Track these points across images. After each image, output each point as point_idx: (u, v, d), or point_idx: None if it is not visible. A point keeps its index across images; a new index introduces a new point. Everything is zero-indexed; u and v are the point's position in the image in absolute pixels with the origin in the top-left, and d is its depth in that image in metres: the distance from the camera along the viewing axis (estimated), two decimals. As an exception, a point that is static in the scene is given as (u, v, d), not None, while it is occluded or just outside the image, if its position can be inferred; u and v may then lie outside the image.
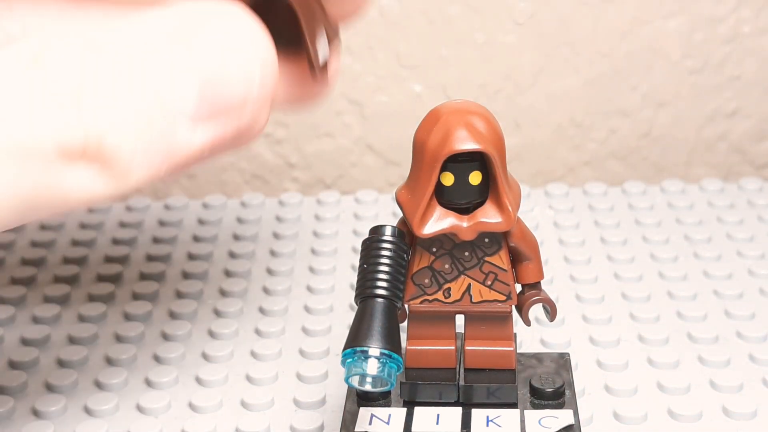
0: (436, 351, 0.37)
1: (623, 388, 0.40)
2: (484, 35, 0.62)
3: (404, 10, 0.61)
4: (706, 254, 0.51)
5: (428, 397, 0.37)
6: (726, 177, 0.64)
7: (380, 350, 0.33)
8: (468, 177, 0.35)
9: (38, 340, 0.45)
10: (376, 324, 0.34)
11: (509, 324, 0.37)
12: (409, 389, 0.37)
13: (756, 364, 0.42)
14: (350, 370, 0.34)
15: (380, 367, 0.33)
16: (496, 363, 0.37)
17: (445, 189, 0.35)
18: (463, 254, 0.36)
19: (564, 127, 0.64)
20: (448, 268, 0.36)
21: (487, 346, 0.37)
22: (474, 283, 0.36)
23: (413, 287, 0.36)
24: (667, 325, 0.45)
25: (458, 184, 0.35)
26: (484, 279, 0.36)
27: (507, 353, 0.37)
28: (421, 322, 0.37)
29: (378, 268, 0.35)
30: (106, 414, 0.40)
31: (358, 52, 0.62)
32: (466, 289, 0.36)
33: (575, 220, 0.55)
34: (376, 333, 0.33)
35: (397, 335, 0.34)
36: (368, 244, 0.35)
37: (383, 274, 0.35)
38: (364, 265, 0.35)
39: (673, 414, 0.39)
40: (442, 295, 0.36)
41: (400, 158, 0.64)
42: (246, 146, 0.33)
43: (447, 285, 0.36)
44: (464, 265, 0.36)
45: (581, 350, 0.43)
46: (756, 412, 0.39)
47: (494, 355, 0.37)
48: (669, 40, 0.62)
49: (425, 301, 0.36)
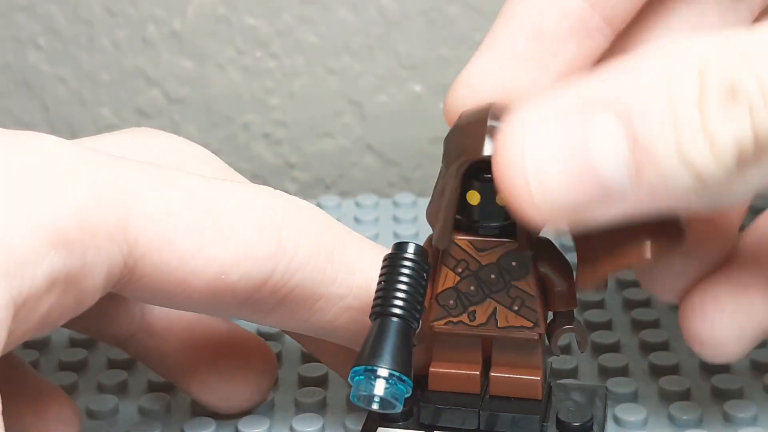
0: (459, 374, 0.36)
1: (624, 393, 0.40)
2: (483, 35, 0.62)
3: (404, 10, 0.61)
4: (706, 257, 0.51)
5: (449, 422, 0.36)
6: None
7: (390, 371, 0.32)
8: (494, 197, 0.33)
9: (38, 342, 0.45)
10: (389, 344, 0.32)
11: (538, 352, 0.35)
12: (431, 413, 0.36)
13: (757, 370, 0.42)
14: (358, 389, 0.33)
15: (388, 388, 0.32)
16: (521, 392, 0.35)
17: (473, 209, 0.34)
18: (489, 277, 0.34)
19: (564, 128, 0.64)
20: (474, 290, 0.35)
21: (513, 374, 0.35)
22: (500, 308, 0.35)
23: (438, 308, 0.35)
24: (667, 330, 0.45)
25: (485, 203, 0.34)
26: (511, 304, 0.34)
27: (533, 383, 0.35)
28: (447, 345, 0.36)
29: (397, 287, 0.33)
30: (107, 415, 0.40)
31: (358, 52, 0.62)
32: (492, 312, 0.35)
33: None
34: (388, 353, 0.32)
35: (410, 358, 0.33)
36: (389, 261, 0.34)
37: (401, 293, 0.33)
38: (382, 282, 0.33)
39: (673, 419, 0.39)
40: (467, 317, 0.35)
41: (400, 158, 0.64)
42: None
43: (472, 308, 0.35)
44: (490, 288, 0.35)
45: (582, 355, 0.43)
46: (756, 418, 0.39)
47: (519, 384, 0.35)
48: (669, 41, 0.62)
49: (450, 322, 0.35)
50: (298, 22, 0.61)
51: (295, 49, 0.62)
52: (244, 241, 0.33)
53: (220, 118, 0.63)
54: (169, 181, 0.33)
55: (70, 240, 0.30)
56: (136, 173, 0.32)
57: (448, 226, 0.34)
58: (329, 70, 0.62)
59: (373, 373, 0.32)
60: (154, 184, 0.32)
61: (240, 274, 0.33)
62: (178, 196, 0.32)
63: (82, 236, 0.30)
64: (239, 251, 0.33)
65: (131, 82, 0.62)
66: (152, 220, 0.31)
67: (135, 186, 0.32)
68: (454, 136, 0.34)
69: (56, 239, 0.29)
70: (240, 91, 0.62)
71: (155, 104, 0.63)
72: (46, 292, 0.29)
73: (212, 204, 0.33)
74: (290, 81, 0.63)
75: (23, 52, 0.62)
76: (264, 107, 0.63)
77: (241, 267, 0.33)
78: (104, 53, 0.62)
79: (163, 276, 0.32)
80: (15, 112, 0.63)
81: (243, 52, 0.62)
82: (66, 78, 0.62)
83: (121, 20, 0.61)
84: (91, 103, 0.63)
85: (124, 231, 0.31)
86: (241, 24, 0.61)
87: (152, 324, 0.39)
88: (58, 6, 0.61)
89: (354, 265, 0.35)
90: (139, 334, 0.39)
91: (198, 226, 0.32)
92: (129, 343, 0.39)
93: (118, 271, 0.31)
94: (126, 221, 0.31)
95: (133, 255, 0.31)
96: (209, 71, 0.62)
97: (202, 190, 0.33)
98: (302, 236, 0.34)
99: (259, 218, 0.33)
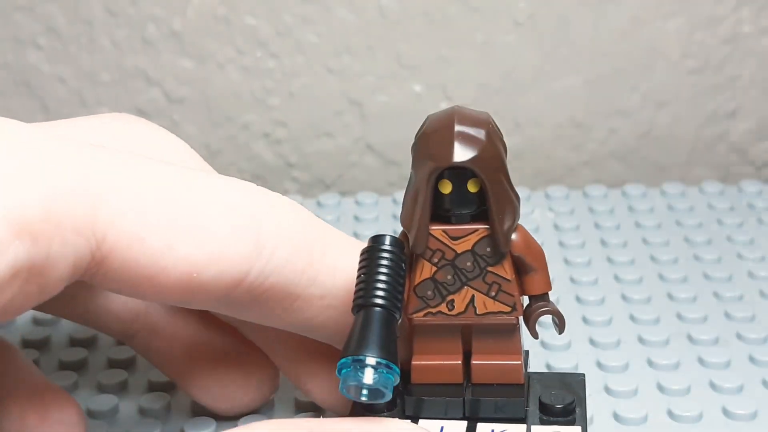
0: (441, 366, 0.36)
1: (623, 389, 0.40)
2: (483, 35, 0.62)
3: (404, 10, 0.61)
4: (706, 256, 0.51)
5: (433, 412, 0.36)
6: (726, 177, 0.64)
7: (377, 360, 0.32)
8: (467, 184, 0.34)
9: (38, 342, 0.45)
10: (375, 333, 0.32)
11: (517, 337, 0.36)
12: (414, 404, 0.36)
13: (756, 366, 0.42)
14: (346, 380, 0.32)
15: (377, 377, 0.32)
16: (503, 378, 0.36)
17: (445, 198, 0.34)
18: (465, 264, 0.35)
19: (564, 127, 0.64)
20: (451, 279, 0.35)
21: (495, 360, 0.36)
22: (478, 295, 0.35)
23: (416, 300, 0.35)
24: (667, 327, 0.45)
25: (457, 192, 0.34)
26: (488, 290, 0.35)
27: (515, 367, 0.36)
28: (427, 337, 0.36)
29: (377, 278, 0.33)
30: (107, 415, 0.40)
31: (358, 52, 0.62)
32: (470, 300, 0.35)
33: (575, 222, 0.55)
34: (373, 342, 0.32)
35: (395, 346, 0.33)
36: (367, 254, 0.34)
37: (382, 284, 0.33)
38: (362, 275, 0.34)
39: (673, 415, 0.39)
40: (445, 307, 0.35)
41: (400, 158, 0.64)
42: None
43: (450, 297, 0.35)
44: (467, 276, 0.35)
45: (581, 352, 0.43)
46: (756, 414, 0.39)
47: (502, 370, 0.36)
48: (669, 40, 0.62)
49: (429, 314, 0.35)
50: (298, 22, 0.61)
51: (295, 49, 0.62)
52: (219, 241, 0.32)
53: (220, 118, 0.63)
54: (144, 174, 0.32)
55: (34, 231, 0.29)
56: (110, 164, 0.31)
57: (423, 231, 0.35)
58: (329, 70, 0.62)
59: (361, 363, 0.32)
60: (128, 177, 0.31)
61: (213, 273, 0.32)
62: (152, 191, 0.31)
63: (48, 227, 0.29)
64: (213, 251, 0.32)
65: (131, 82, 0.62)
66: (123, 214, 0.30)
67: (108, 177, 0.31)
68: (422, 144, 0.34)
69: (20, 229, 0.29)
70: (240, 91, 0.62)
71: (155, 104, 0.63)
72: (8, 282, 0.29)
73: (188, 200, 0.32)
74: (290, 81, 0.63)
75: (23, 52, 0.62)
76: (264, 107, 0.63)
77: (214, 267, 0.32)
78: (104, 53, 0.62)
79: (132, 271, 0.31)
80: (15, 112, 0.63)
81: (243, 52, 0.62)
82: (66, 78, 0.62)
83: (121, 20, 0.61)
84: (91, 103, 0.63)
85: (92, 224, 0.30)
86: (241, 24, 0.61)
87: (156, 324, 0.39)
88: (58, 6, 0.61)
89: (335, 265, 0.35)
90: (143, 332, 0.39)
91: (170, 224, 0.31)
92: (132, 339, 0.39)
93: (84, 264, 0.30)
94: (95, 214, 0.30)
95: (101, 249, 0.30)
96: (209, 71, 0.62)
97: (179, 185, 0.32)
98: (281, 237, 0.33)
99: (237, 217, 0.33)
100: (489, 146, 0.34)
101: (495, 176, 0.34)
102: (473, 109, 0.35)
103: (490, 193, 0.34)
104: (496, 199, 0.34)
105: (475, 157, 0.34)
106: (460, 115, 0.34)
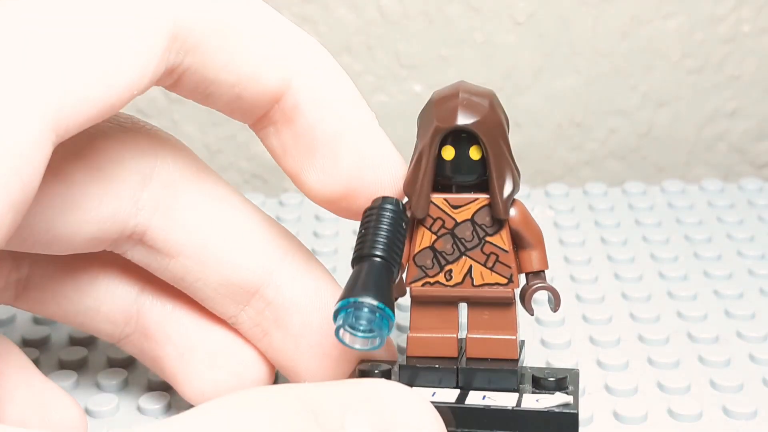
0: (437, 338, 0.37)
1: (623, 388, 0.40)
2: (483, 35, 0.62)
3: (404, 10, 0.61)
4: (706, 254, 0.51)
5: (427, 381, 0.36)
6: (726, 177, 0.64)
7: (376, 302, 0.33)
8: (469, 151, 0.35)
9: (38, 341, 0.45)
10: (372, 279, 0.34)
11: (512, 312, 0.36)
12: (408, 374, 0.37)
13: (756, 364, 0.42)
14: (344, 322, 0.33)
15: (373, 320, 0.33)
16: (498, 352, 0.36)
17: (447, 164, 0.35)
18: (464, 234, 0.36)
19: (564, 126, 0.64)
20: (450, 248, 0.36)
21: (490, 334, 0.36)
22: (475, 265, 0.36)
23: (415, 269, 0.36)
24: (667, 325, 0.45)
25: (459, 158, 0.35)
26: (486, 260, 0.36)
27: (509, 342, 0.36)
28: (424, 310, 0.37)
29: (376, 233, 0.35)
30: (106, 415, 0.40)
31: (358, 51, 0.62)
32: (468, 271, 0.36)
33: (575, 220, 0.55)
34: (371, 287, 0.33)
35: (391, 293, 0.34)
36: (369, 212, 0.35)
37: (381, 238, 0.34)
38: (363, 230, 0.35)
39: (673, 414, 0.39)
40: (443, 277, 0.36)
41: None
42: None
43: (448, 266, 0.36)
44: (465, 246, 0.36)
45: (581, 350, 0.43)
46: (756, 412, 0.39)
47: (496, 344, 0.36)
48: (669, 40, 0.62)
49: (427, 283, 0.36)
50: (298, 21, 0.61)
51: (295, 50, 0.62)
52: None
53: (220, 118, 0.63)
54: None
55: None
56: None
57: (425, 194, 0.35)
58: (329, 70, 0.62)
59: (358, 306, 0.33)
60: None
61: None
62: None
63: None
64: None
65: (131, 83, 0.62)
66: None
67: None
68: (427, 112, 0.36)
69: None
70: (240, 91, 0.62)
71: (155, 104, 0.63)
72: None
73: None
74: (290, 81, 0.63)
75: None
76: (264, 107, 0.63)
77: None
78: (104, 54, 0.62)
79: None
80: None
81: (243, 52, 0.62)
82: (66, 79, 0.62)
83: (120, 21, 0.61)
84: (91, 104, 0.63)
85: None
86: (240, 24, 0.61)
87: (148, 325, 0.39)
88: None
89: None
90: (135, 334, 0.39)
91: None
92: (124, 342, 0.39)
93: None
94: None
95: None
96: (209, 72, 0.62)
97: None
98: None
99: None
100: (492, 113, 0.35)
101: (496, 142, 0.35)
102: (478, 85, 0.36)
103: (491, 158, 0.35)
104: (497, 165, 0.35)
105: (477, 122, 0.35)
106: (465, 87, 0.36)
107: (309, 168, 0.36)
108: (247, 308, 0.38)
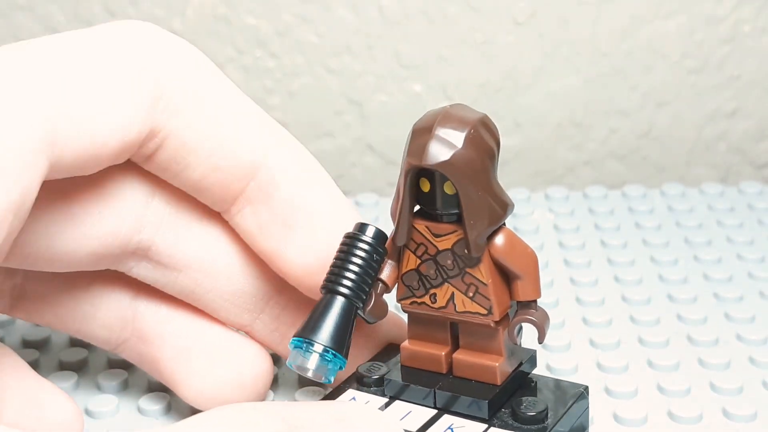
0: (426, 354, 0.37)
1: (623, 391, 0.40)
2: (484, 35, 0.62)
3: (404, 10, 0.61)
4: (706, 257, 0.51)
5: (411, 397, 0.37)
6: (726, 177, 0.64)
7: (324, 347, 0.35)
8: (443, 186, 0.34)
9: (38, 342, 0.45)
10: (330, 321, 0.35)
11: (498, 339, 0.36)
12: (395, 387, 0.37)
13: (756, 367, 0.42)
14: (295, 357, 0.35)
15: (320, 363, 0.35)
16: (481, 376, 0.36)
17: (424, 196, 0.35)
18: (446, 262, 0.35)
19: (564, 126, 0.64)
20: (433, 273, 0.36)
21: (474, 357, 0.36)
22: (457, 293, 0.36)
23: (403, 287, 0.36)
24: (667, 328, 0.45)
25: (434, 191, 0.35)
26: (466, 290, 0.35)
27: (491, 368, 0.36)
28: (419, 323, 0.37)
29: (348, 266, 0.35)
30: (107, 416, 0.40)
31: (358, 51, 0.62)
32: (450, 297, 0.36)
33: (575, 223, 0.55)
34: (327, 329, 0.35)
35: (347, 336, 0.35)
36: (347, 240, 0.36)
37: (352, 273, 0.35)
38: (337, 260, 0.36)
39: (673, 416, 0.39)
40: (429, 299, 0.36)
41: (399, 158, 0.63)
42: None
43: (433, 290, 0.36)
44: (447, 273, 0.36)
45: (581, 353, 0.43)
46: (756, 415, 0.39)
47: (479, 368, 0.36)
48: (669, 39, 0.62)
49: (414, 303, 0.36)
50: (298, 21, 0.62)
51: (295, 49, 0.62)
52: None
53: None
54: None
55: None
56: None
57: (404, 223, 0.35)
58: (329, 70, 0.63)
59: (310, 345, 0.35)
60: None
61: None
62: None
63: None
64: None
65: (131, 82, 0.62)
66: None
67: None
68: (408, 140, 0.35)
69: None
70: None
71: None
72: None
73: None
74: (290, 81, 0.63)
75: (23, 53, 0.62)
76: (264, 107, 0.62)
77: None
78: (104, 53, 0.62)
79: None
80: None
81: (243, 51, 0.62)
82: (66, 78, 0.62)
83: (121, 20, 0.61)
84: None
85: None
86: (241, 24, 0.61)
87: (145, 330, 0.39)
88: (58, 6, 0.61)
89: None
90: (132, 339, 0.39)
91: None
92: (122, 348, 0.39)
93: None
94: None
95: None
96: (209, 71, 0.62)
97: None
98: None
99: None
100: (465, 150, 0.34)
101: (468, 180, 0.34)
102: (470, 110, 0.35)
103: (461, 197, 0.34)
104: (467, 205, 0.34)
105: (444, 162, 0.34)
106: (446, 117, 0.34)
107: (288, 243, 0.37)
108: (262, 315, 0.39)
